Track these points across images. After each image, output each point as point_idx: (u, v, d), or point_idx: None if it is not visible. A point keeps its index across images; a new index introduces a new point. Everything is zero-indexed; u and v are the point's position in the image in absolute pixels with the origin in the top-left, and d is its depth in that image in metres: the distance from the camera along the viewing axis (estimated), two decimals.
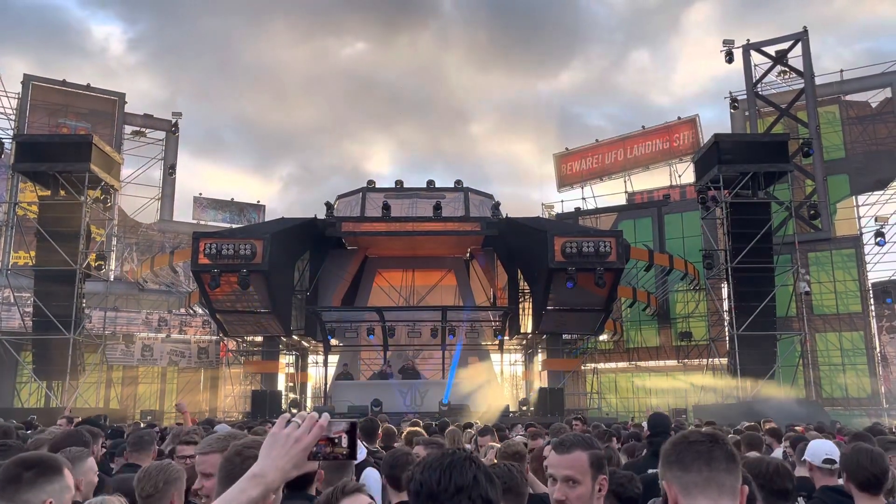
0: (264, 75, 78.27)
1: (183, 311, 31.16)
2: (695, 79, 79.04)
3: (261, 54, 77.14)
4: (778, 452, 7.27)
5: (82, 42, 71.80)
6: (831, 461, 4.27)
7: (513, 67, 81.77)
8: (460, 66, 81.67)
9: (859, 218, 30.44)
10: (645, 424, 12.15)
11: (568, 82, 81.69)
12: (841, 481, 4.00)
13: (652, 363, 32.91)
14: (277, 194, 75.91)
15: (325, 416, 1.67)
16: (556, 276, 21.46)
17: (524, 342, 28.33)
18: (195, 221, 36.45)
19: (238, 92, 79.22)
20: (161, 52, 75.03)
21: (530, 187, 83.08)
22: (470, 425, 10.14)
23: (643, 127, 38.60)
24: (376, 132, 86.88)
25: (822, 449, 4.38)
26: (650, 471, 5.35)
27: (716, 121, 77.03)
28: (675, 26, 77.95)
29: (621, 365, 33.44)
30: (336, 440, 1.65)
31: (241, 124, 78.71)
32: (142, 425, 11.68)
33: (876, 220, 29.17)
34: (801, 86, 31.07)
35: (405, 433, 7.62)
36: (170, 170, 36.42)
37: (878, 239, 28.14)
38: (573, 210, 37.54)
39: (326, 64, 79.41)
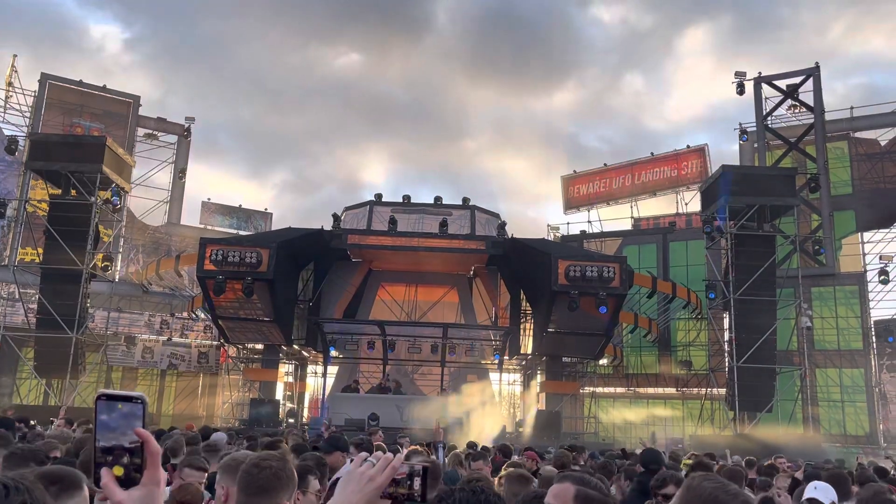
0: (259, 81, 78.43)
1: (185, 314, 31.25)
2: (688, 105, 79.49)
3: (256, 60, 77.46)
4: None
5: (79, 40, 72.09)
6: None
7: (507, 85, 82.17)
8: (454, 82, 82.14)
9: (864, 255, 30.50)
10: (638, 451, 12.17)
11: (562, 102, 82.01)
12: None
13: (651, 390, 32.85)
14: (272, 201, 76.00)
15: (399, 457, 1.75)
16: (558, 298, 21.55)
17: (523, 363, 28.33)
18: (202, 226, 36.62)
19: (232, 96, 79.61)
20: (157, 54, 75.37)
21: (523, 204, 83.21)
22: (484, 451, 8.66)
23: (652, 153, 38.77)
24: (371, 142, 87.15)
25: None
26: None
27: (712, 148, 77.04)
28: (669, 51, 78.38)
29: (620, 390, 33.37)
30: (408, 482, 1.68)
31: (235, 129, 78.91)
32: None
33: (881, 258, 29.21)
34: (811, 120, 31.23)
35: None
36: (180, 174, 36.74)
37: (882, 277, 28.18)
38: (579, 233, 37.63)
39: (321, 73, 79.74)
